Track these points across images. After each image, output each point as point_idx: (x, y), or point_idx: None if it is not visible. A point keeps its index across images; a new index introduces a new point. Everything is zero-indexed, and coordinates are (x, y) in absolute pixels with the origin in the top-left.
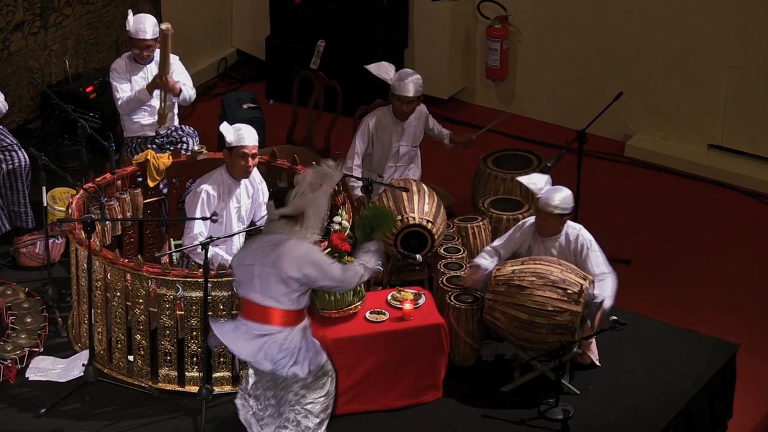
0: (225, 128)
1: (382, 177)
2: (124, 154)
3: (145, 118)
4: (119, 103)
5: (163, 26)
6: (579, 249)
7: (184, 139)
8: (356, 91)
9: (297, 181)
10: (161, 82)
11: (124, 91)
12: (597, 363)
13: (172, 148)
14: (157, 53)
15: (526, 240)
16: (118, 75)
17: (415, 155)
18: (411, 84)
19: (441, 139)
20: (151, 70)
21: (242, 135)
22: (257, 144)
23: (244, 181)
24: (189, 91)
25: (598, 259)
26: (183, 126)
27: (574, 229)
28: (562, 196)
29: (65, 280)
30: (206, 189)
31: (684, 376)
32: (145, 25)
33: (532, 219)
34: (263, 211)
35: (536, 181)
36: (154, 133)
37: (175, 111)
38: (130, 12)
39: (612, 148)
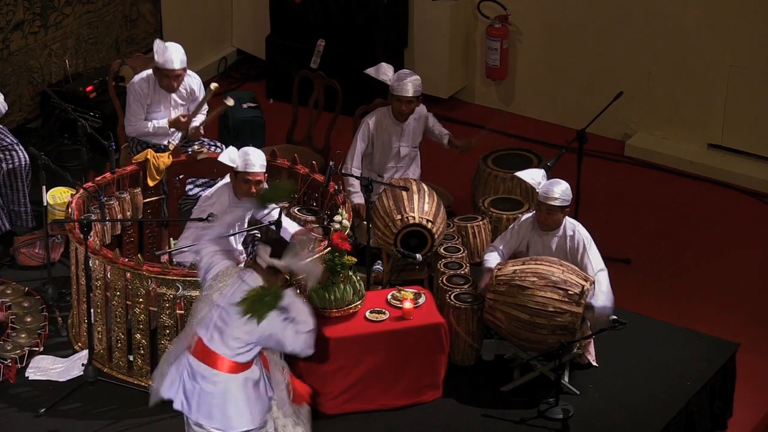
0: (226, 157)
1: (382, 177)
2: (126, 152)
3: (151, 138)
4: (129, 127)
5: (213, 86)
6: (576, 246)
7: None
8: (356, 91)
9: (297, 244)
10: (188, 130)
11: (137, 117)
12: (594, 363)
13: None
14: (185, 85)
15: (524, 236)
16: (136, 98)
17: (415, 156)
18: (410, 84)
19: (440, 141)
20: (175, 100)
21: (250, 161)
22: (264, 169)
23: None
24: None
25: (595, 256)
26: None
27: (571, 224)
28: (561, 189)
29: (65, 280)
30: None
31: (684, 375)
32: (172, 54)
33: (526, 215)
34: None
35: (534, 176)
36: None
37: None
38: (157, 41)
39: (612, 147)
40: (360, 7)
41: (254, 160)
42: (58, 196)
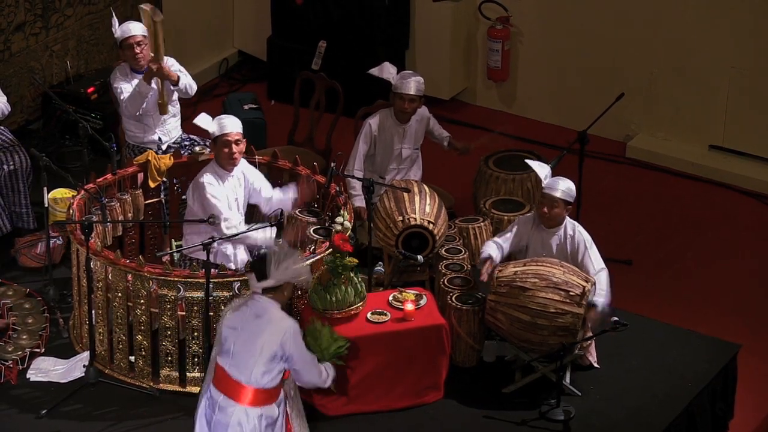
0: (201, 120)
1: (384, 178)
2: (125, 156)
3: (148, 134)
4: (123, 103)
5: (146, 7)
6: (577, 246)
7: (196, 142)
8: (357, 92)
9: (275, 252)
10: (157, 69)
11: (126, 90)
12: (595, 365)
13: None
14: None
15: (524, 234)
16: (119, 78)
17: (417, 157)
18: (413, 82)
19: (440, 142)
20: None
21: (224, 123)
22: (241, 131)
23: (235, 173)
24: (187, 79)
25: (596, 257)
26: (190, 135)
27: (572, 224)
28: (566, 184)
29: (66, 281)
30: (207, 180)
31: (685, 376)
32: (129, 24)
33: (528, 215)
34: (263, 195)
35: (540, 169)
36: (156, 147)
37: (178, 121)
38: (113, 19)
39: (613, 148)
40: (361, 8)
41: (228, 122)
42: (60, 198)
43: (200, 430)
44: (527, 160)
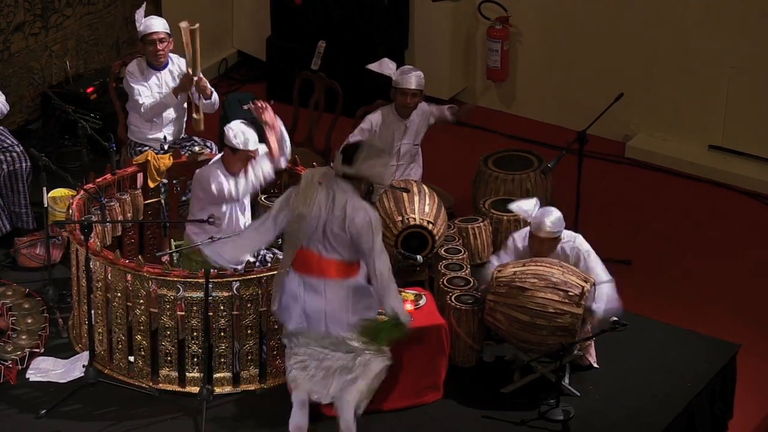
0: (236, 135)
1: None
2: (124, 155)
3: (152, 132)
4: (143, 108)
5: (183, 24)
6: (576, 259)
7: (195, 142)
8: (357, 92)
9: (368, 146)
10: (193, 81)
11: (146, 95)
12: (595, 365)
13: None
14: (170, 58)
15: (522, 250)
16: (134, 78)
17: (416, 153)
18: (413, 77)
19: (446, 119)
20: (165, 77)
21: (248, 140)
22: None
23: (241, 176)
24: (216, 94)
25: (596, 268)
26: (191, 136)
27: (570, 236)
28: (552, 219)
29: (66, 281)
30: (216, 176)
31: (685, 376)
32: (152, 20)
33: (522, 231)
34: (264, 168)
35: (525, 207)
36: (158, 147)
37: (183, 123)
38: (138, 11)
39: (612, 148)
40: (361, 8)
41: (252, 138)
42: (59, 198)
43: (294, 315)
44: (509, 206)
